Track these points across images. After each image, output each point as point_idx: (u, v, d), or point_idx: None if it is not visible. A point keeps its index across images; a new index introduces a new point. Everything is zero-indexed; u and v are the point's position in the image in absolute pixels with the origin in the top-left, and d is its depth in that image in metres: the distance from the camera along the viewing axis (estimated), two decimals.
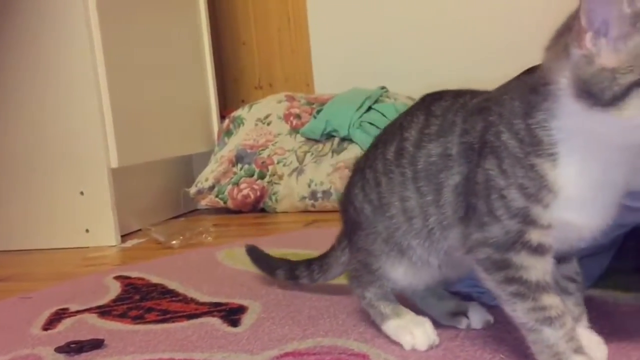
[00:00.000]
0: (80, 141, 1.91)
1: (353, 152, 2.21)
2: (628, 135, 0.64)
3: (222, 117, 2.57)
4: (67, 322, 1.14)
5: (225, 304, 1.16)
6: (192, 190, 2.33)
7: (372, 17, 2.66)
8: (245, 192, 2.28)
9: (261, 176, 2.29)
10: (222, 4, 2.86)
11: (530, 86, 0.71)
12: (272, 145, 2.36)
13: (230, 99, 2.91)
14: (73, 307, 1.23)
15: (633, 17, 0.61)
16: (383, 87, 2.41)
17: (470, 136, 0.76)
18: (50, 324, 1.14)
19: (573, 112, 0.66)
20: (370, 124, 2.23)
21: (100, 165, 1.91)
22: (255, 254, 1.22)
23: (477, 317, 0.93)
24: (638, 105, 0.60)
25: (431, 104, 0.84)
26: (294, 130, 2.39)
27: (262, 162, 2.32)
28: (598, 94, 0.62)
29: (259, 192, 2.27)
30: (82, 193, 1.92)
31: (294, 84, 2.85)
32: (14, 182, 1.97)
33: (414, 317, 0.90)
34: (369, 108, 2.29)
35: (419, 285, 0.89)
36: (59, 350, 0.99)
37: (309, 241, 1.66)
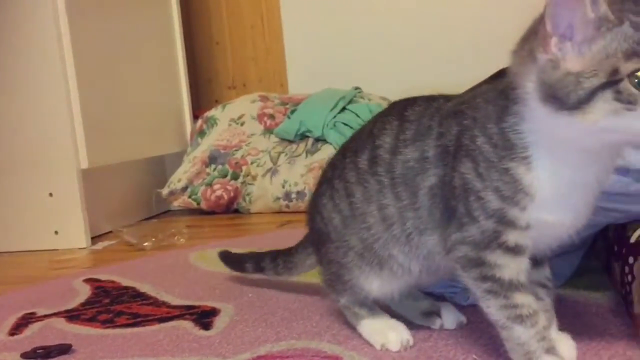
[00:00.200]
0: (49, 142, 1.87)
1: (327, 153, 2.20)
2: (593, 138, 0.64)
3: (195, 117, 2.54)
4: (34, 327, 1.11)
5: (197, 306, 1.15)
6: (165, 191, 2.30)
7: (346, 17, 2.66)
8: (218, 193, 2.26)
9: (235, 177, 2.28)
10: (194, 3, 2.84)
11: (502, 90, 0.71)
12: (246, 145, 2.34)
13: (203, 99, 2.89)
14: (41, 312, 1.20)
15: (597, 22, 0.62)
16: (357, 88, 2.41)
17: (446, 139, 0.76)
18: (16, 328, 1.11)
19: (541, 116, 0.66)
20: (344, 124, 2.23)
21: (69, 166, 1.87)
22: (226, 256, 1.23)
23: (450, 318, 0.93)
24: (602, 108, 0.61)
25: (404, 109, 0.83)
26: (268, 130, 2.38)
27: (236, 163, 2.30)
28: (563, 98, 0.63)
29: (232, 193, 2.26)
30: (51, 194, 1.88)
31: (268, 84, 2.83)
32: None
33: (389, 319, 0.90)
34: (343, 108, 2.29)
35: (395, 293, 0.89)
36: (25, 356, 0.97)
37: (283, 242, 1.63)
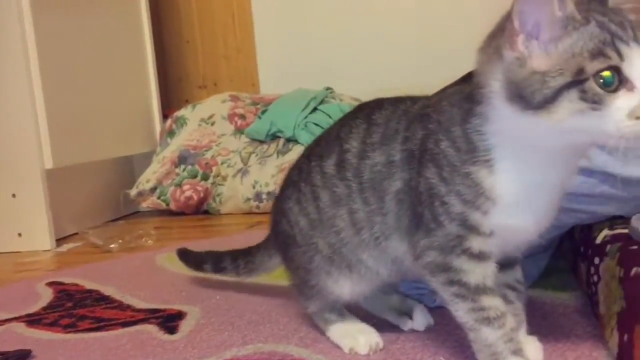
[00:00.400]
0: (13, 141, 1.82)
1: (298, 153, 2.18)
2: (558, 138, 0.64)
3: (165, 116, 2.51)
4: None
5: (163, 310, 1.12)
6: (133, 192, 2.26)
7: (318, 17, 2.65)
8: (188, 193, 2.22)
9: (205, 177, 2.25)
10: (164, 1, 2.80)
11: (468, 93, 0.71)
12: (216, 145, 2.31)
13: (173, 99, 2.85)
14: (1, 316, 1.16)
15: (564, 21, 0.61)
16: (329, 88, 2.40)
17: (412, 143, 0.76)
18: None
19: (506, 116, 0.66)
20: (316, 124, 2.22)
21: (33, 166, 1.82)
22: (184, 254, 1.21)
23: (421, 319, 0.93)
24: (568, 108, 0.61)
25: (372, 113, 0.82)
26: (239, 130, 2.35)
27: (206, 163, 2.27)
28: (529, 97, 0.62)
29: (202, 194, 2.23)
30: (14, 195, 1.83)
31: (239, 83, 2.81)
32: None
33: (358, 323, 0.90)
34: (315, 109, 2.28)
35: (364, 294, 0.89)
36: None
37: (253, 243, 1.63)
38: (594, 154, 0.81)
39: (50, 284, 1.37)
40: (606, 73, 0.60)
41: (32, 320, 1.13)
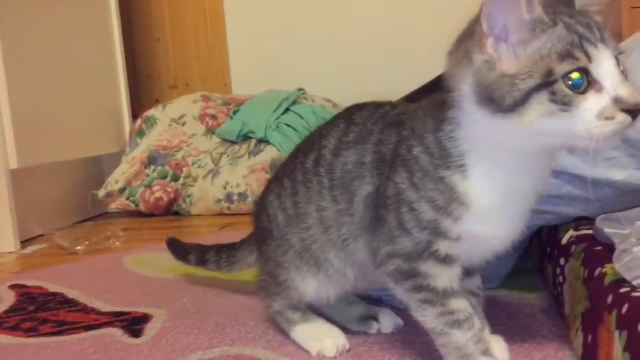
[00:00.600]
0: None
1: (270, 154, 2.18)
2: (530, 140, 0.64)
3: (135, 116, 2.47)
4: None
5: (128, 313, 1.10)
6: (101, 192, 2.22)
7: (291, 18, 2.64)
8: (157, 194, 2.19)
9: (175, 178, 2.22)
10: None
11: (441, 101, 0.71)
12: (187, 146, 2.29)
13: (144, 98, 2.81)
14: None
15: (532, 24, 0.61)
16: (301, 89, 2.39)
17: (384, 147, 0.76)
18: None
19: (477, 120, 0.65)
20: (287, 125, 2.21)
21: None
22: (172, 243, 1.20)
23: (387, 322, 0.92)
24: (537, 110, 0.61)
25: (353, 113, 0.83)
26: (210, 131, 2.33)
27: (176, 164, 2.24)
28: (499, 99, 0.62)
29: (172, 195, 2.20)
30: None
31: (211, 83, 2.78)
32: None
33: (323, 324, 0.89)
34: (286, 109, 2.27)
35: (331, 297, 0.88)
36: None
37: None
38: (560, 155, 0.81)
39: (12, 287, 1.33)
40: (575, 74, 0.60)
41: None
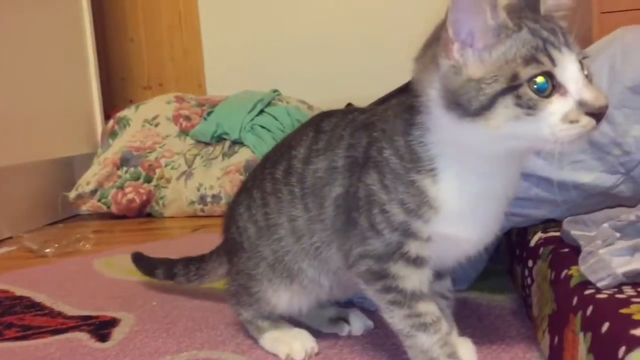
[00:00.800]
0: None
1: (244, 156, 2.17)
2: (497, 144, 0.64)
3: (109, 117, 2.44)
4: None
5: (96, 317, 1.08)
6: (72, 194, 2.19)
7: (266, 19, 2.64)
8: (130, 196, 2.17)
9: (148, 180, 2.20)
10: None
11: (410, 103, 0.71)
12: (160, 147, 2.26)
13: (117, 99, 2.78)
14: None
15: (497, 29, 0.62)
16: (275, 90, 2.38)
17: (356, 151, 0.75)
18: None
19: (445, 124, 0.66)
20: (262, 127, 2.20)
21: None
22: (138, 258, 1.18)
23: (358, 324, 0.92)
24: (503, 114, 0.61)
25: (321, 121, 0.83)
26: (184, 132, 2.31)
27: (149, 165, 2.22)
28: (466, 104, 0.62)
29: (145, 197, 2.17)
30: None
31: (185, 84, 2.76)
32: None
33: (291, 328, 0.88)
34: (261, 111, 2.26)
35: (303, 308, 0.87)
36: None
37: (196, 247, 1.58)
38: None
39: None
40: (540, 78, 0.60)
41: None
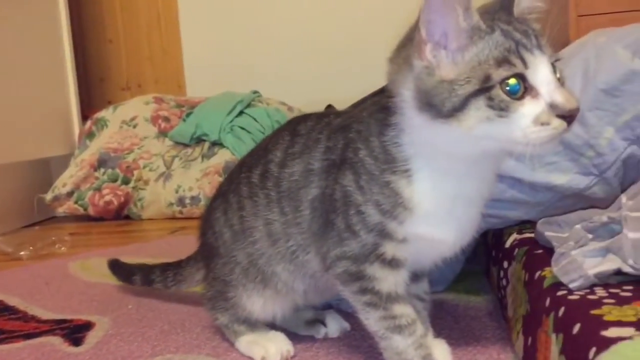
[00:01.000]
0: None
1: (223, 157, 2.15)
2: (470, 145, 0.64)
3: (87, 118, 2.41)
4: None
5: (70, 320, 1.07)
6: (48, 196, 2.16)
7: (246, 19, 2.63)
8: (107, 198, 2.14)
9: (125, 181, 2.17)
10: None
11: (385, 104, 0.71)
12: (138, 148, 2.24)
13: (96, 100, 2.75)
14: None
15: (469, 31, 0.62)
16: (256, 92, 2.38)
17: (333, 153, 0.75)
18: None
19: (418, 125, 0.66)
20: (242, 128, 2.19)
21: None
22: (115, 266, 1.17)
23: (334, 326, 0.92)
24: (476, 116, 0.61)
25: (297, 124, 0.83)
26: (162, 133, 2.29)
27: (127, 167, 2.20)
28: (439, 105, 0.62)
29: (122, 198, 2.15)
30: None
31: (165, 85, 2.74)
32: None
33: (268, 331, 0.88)
34: (241, 112, 2.25)
35: (278, 314, 0.87)
36: None
37: (174, 250, 1.58)
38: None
39: None
40: (512, 80, 0.61)
41: None
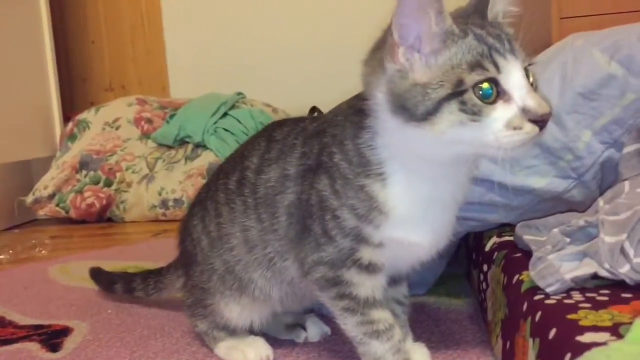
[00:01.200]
0: None
1: (207, 159, 2.14)
2: (443, 149, 0.64)
3: (69, 119, 2.39)
4: None
5: (48, 326, 1.05)
6: (29, 198, 2.13)
7: (230, 21, 2.62)
8: (89, 200, 2.12)
9: (108, 184, 2.16)
10: None
11: (359, 107, 0.70)
12: (121, 150, 2.22)
13: (78, 101, 2.73)
14: None
15: (442, 35, 0.62)
16: (240, 93, 2.37)
17: (308, 159, 0.75)
18: None
19: (391, 128, 0.65)
20: (225, 130, 2.18)
21: None
22: (96, 274, 1.17)
23: (314, 330, 0.92)
24: (448, 119, 0.61)
25: (273, 130, 0.82)
26: (145, 135, 2.27)
27: (109, 169, 2.18)
28: (412, 108, 0.62)
29: (105, 201, 2.13)
30: None
31: (148, 86, 2.72)
32: None
33: (247, 336, 0.87)
34: (225, 114, 2.24)
35: (256, 321, 0.86)
36: None
37: (156, 253, 1.57)
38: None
39: None
40: (484, 85, 0.61)
41: None
